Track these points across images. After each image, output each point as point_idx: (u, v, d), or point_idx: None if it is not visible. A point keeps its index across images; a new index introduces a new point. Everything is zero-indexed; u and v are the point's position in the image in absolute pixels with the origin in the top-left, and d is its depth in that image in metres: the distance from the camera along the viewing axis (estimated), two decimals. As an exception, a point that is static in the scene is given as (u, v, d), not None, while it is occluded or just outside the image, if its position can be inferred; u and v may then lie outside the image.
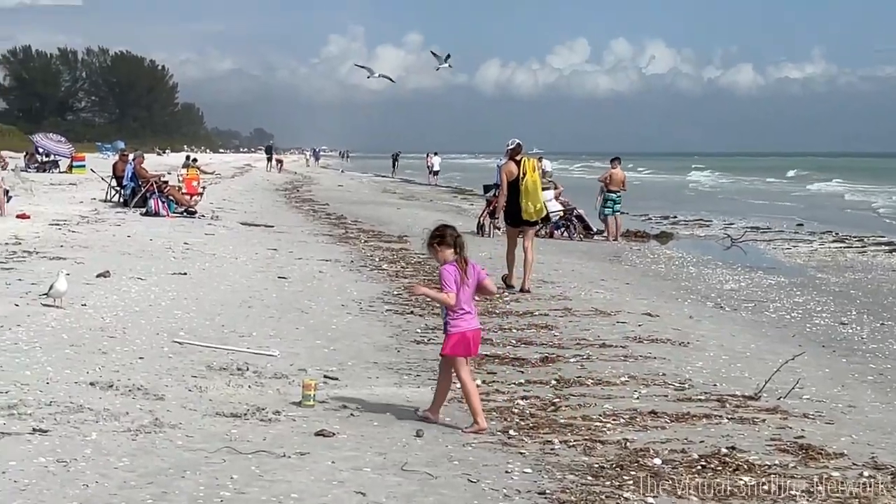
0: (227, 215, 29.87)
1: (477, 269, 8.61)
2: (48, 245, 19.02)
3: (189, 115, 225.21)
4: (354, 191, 56.69)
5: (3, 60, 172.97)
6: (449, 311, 8.48)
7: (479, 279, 8.58)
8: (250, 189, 50.32)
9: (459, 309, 8.47)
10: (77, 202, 31.16)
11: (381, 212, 36.46)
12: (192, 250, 20.03)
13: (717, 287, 19.24)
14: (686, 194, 62.67)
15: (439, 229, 8.67)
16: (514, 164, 17.36)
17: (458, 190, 61.36)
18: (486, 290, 8.82)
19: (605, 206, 29.20)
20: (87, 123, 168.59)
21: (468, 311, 8.53)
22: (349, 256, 20.91)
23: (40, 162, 55.99)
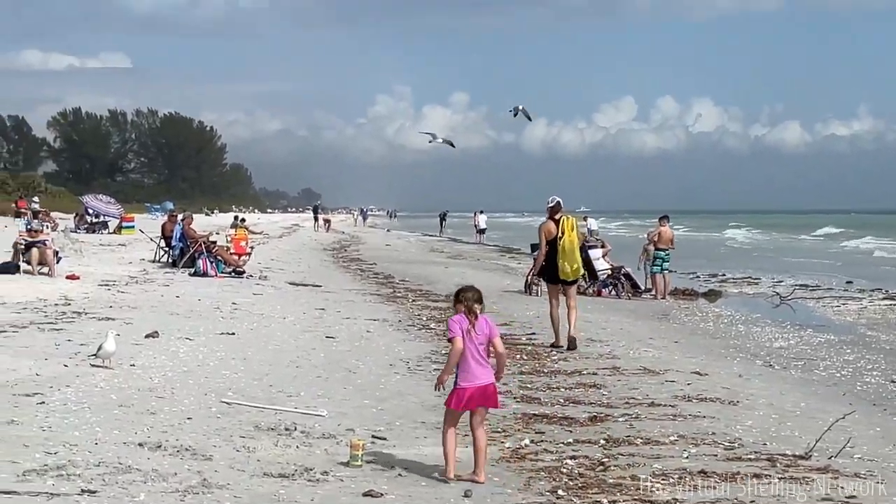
0: (274, 275, 29.99)
1: (489, 325, 8.70)
2: (97, 306, 19.18)
3: (237, 175, 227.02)
4: (402, 250, 56.80)
5: (54, 122, 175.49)
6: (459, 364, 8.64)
7: (489, 335, 8.69)
8: (298, 249, 50.58)
9: (464, 361, 8.59)
10: (126, 263, 31.41)
11: (429, 271, 36.48)
12: (240, 310, 20.13)
13: (766, 345, 19.09)
14: (720, 252, 62.23)
15: (461, 289, 8.85)
16: (553, 223, 17.37)
17: (505, 249, 61.36)
18: (495, 348, 8.82)
19: (654, 263, 29.07)
20: (136, 184, 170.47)
21: (475, 365, 8.60)
22: (397, 316, 20.92)
23: (90, 223, 56.56)
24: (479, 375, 8.60)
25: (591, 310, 23.47)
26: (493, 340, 8.74)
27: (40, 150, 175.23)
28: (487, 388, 8.67)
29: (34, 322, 16.45)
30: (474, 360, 8.62)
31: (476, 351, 8.63)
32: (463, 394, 8.63)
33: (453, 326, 8.67)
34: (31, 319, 16.79)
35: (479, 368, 8.61)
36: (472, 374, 8.60)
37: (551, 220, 17.41)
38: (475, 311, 8.67)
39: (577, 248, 17.45)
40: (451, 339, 8.67)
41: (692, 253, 48.44)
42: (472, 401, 8.65)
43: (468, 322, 8.64)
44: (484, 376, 8.63)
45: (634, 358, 15.91)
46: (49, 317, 17.29)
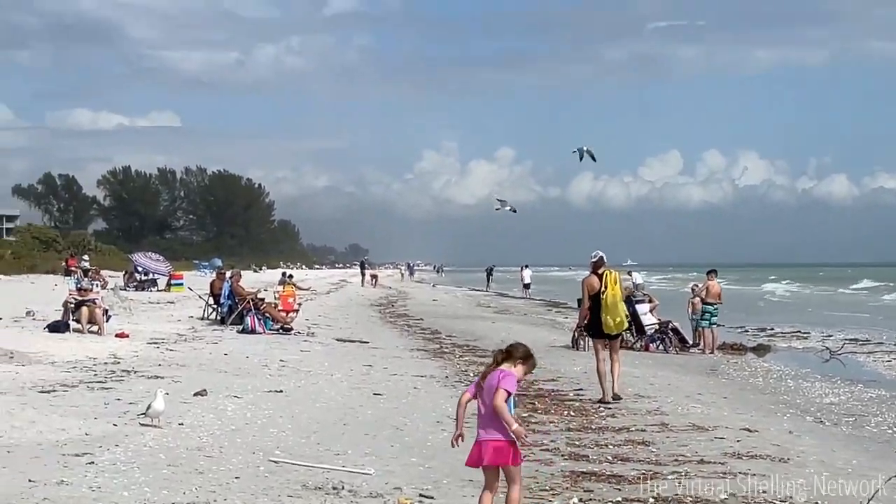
0: (322, 331, 30.08)
1: (497, 378, 8.49)
2: (146, 364, 19.30)
3: (285, 231, 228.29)
4: (449, 305, 56.81)
5: (104, 181, 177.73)
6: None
7: (494, 387, 8.46)
8: (345, 305, 50.72)
9: (477, 416, 8.55)
10: (175, 320, 31.60)
11: (476, 326, 36.45)
12: (288, 367, 20.18)
13: (816, 401, 18.90)
14: (761, 305, 61.74)
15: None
16: (595, 278, 17.42)
17: (552, 303, 61.24)
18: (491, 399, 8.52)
19: (702, 318, 28.89)
20: (184, 241, 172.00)
21: (482, 420, 8.52)
22: (444, 372, 20.89)
23: (139, 281, 56.99)
24: (484, 431, 8.50)
25: (639, 365, 23.37)
26: (491, 390, 8.49)
27: (90, 209, 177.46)
28: (491, 444, 8.45)
29: (84, 381, 16.58)
30: (481, 415, 8.54)
31: (482, 405, 8.53)
32: (473, 449, 8.57)
33: (471, 385, 8.70)
34: (80, 378, 16.92)
35: (486, 423, 8.48)
36: (480, 430, 8.52)
37: (594, 274, 17.46)
38: (497, 362, 8.58)
39: (620, 302, 17.48)
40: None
41: (735, 307, 48.15)
42: (480, 457, 8.51)
43: (484, 377, 8.57)
44: (488, 432, 8.47)
45: (683, 414, 15.79)
46: (98, 375, 17.42)
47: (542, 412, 15.51)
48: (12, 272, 66.14)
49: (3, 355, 19.23)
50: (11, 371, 17.51)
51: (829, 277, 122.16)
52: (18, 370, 17.72)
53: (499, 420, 8.39)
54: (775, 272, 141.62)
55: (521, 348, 8.61)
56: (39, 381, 16.44)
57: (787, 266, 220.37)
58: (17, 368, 17.95)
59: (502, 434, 8.43)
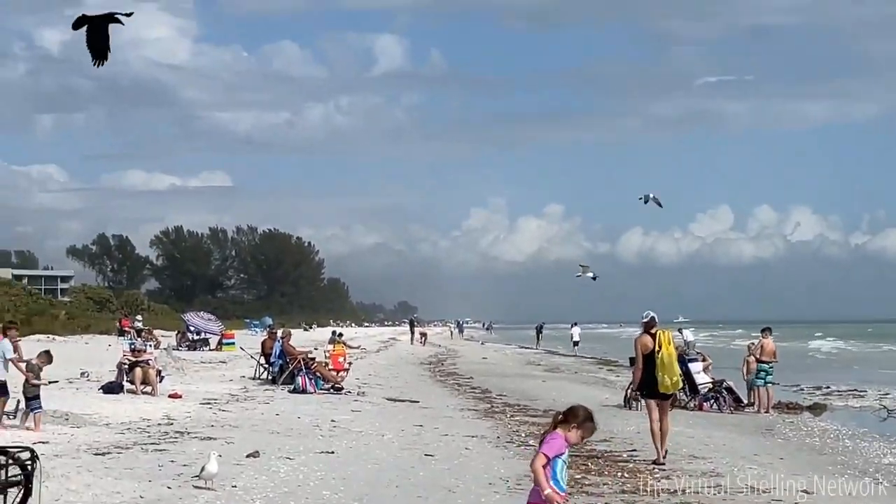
0: (372, 391, 30.07)
1: (544, 439, 8.56)
2: (199, 425, 19.37)
3: (335, 289, 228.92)
4: (498, 363, 56.62)
5: (156, 241, 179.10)
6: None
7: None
8: (395, 363, 50.70)
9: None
10: (227, 380, 31.73)
11: (527, 385, 36.30)
12: (339, 427, 20.18)
13: (875, 461, 18.63)
14: (811, 362, 60.98)
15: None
16: (649, 337, 17.37)
17: (603, 361, 60.86)
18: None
19: (757, 376, 28.60)
20: (236, 300, 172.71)
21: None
22: (495, 432, 20.79)
23: (191, 340, 57.29)
24: (530, 493, 8.59)
25: (693, 424, 23.15)
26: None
27: (143, 269, 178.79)
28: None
29: (138, 443, 16.66)
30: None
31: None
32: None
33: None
34: (134, 440, 17.01)
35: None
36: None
37: (647, 333, 17.41)
38: (555, 424, 8.59)
39: (675, 361, 17.43)
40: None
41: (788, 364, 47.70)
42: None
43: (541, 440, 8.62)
44: (530, 494, 8.60)
45: (739, 475, 15.60)
46: (152, 437, 17.50)
47: (596, 474, 15.38)
48: (67, 333, 66.69)
49: (59, 417, 19.37)
50: (67, 433, 17.64)
51: (882, 334, 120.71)
52: (73, 432, 17.85)
53: (538, 481, 8.47)
54: (828, 328, 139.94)
55: (579, 412, 8.59)
56: (94, 443, 16.54)
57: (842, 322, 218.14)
58: (73, 430, 18.09)
59: (538, 497, 8.49)
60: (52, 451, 14.99)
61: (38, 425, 18.04)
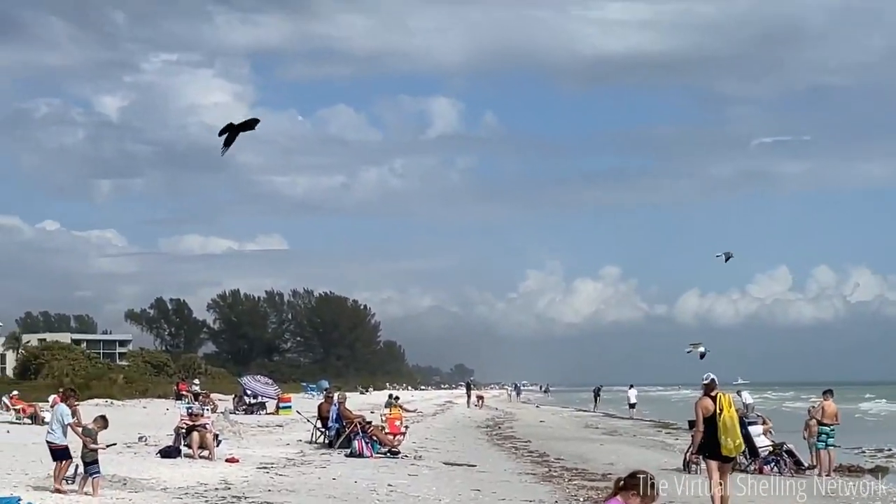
0: (429, 454, 29.95)
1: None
2: (256, 489, 19.37)
3: (391, 352, 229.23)
4: (556, 426, 56.29)
5: (214, 305, 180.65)
6: None
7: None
8: (452, 426, 50.52)
9: None
10: (284, 444, 31.74)
11: (584, 448, 36.03)
12: (396, 492, 20.10)
13: (941, 525, 18.29)
14: (873, 424, 59.99)
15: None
16: (709, 400, 17.34)
17: (661, 424, 60.29)
18: None
19: (818, 439, 28.22)
20: (292, 363, 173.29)
21: None
22: (553, 496, 20.62)
23: (248, 404, 57.38)
24: None
25: (753, 488, 22.82)
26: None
27: (201, 332, 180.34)
28: None
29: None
30: None
31: None
32: None
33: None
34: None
35: None
36: None
37: (707, 396, 17.35)
38: (616, 489, 8.50)
39: (737, 424, 17.35)
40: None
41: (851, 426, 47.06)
42: None
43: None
44: None
45: (802, 541, 15.38)
46: (209, 501, 17.53)
47: (656, 539, 15.18)
48: (125, 397, 67.16)
49: (117, 482, 19.44)
50: (125, 498, 17.71)
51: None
52: (131, 497, 17.91)
53: None
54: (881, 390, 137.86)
55: (640, 478, 8.49)
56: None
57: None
58: (131, 495, 18.15)
59: None
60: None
61: (96, 490, 18.12)
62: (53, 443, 18.55)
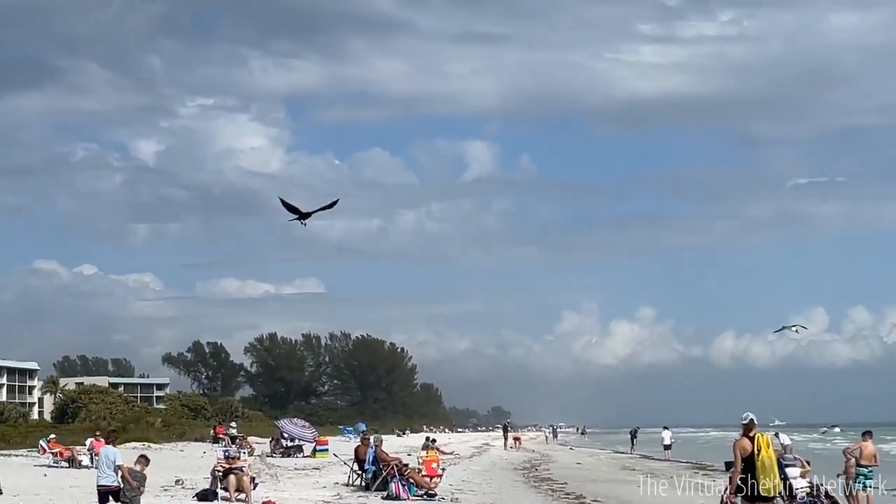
0: (466, 497, 29.94)
1: None
2: (293, 532, 19.44)
3: (428, 394, 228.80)
4: (593, 468, 56.03)
5: (251, 348, 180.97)
6: None
7: None
8: (489, 469, 50.39)
9: None
10: (320, 487, 31.80)
11: (621, 490, 35.90)
12: (433, 535, 20.11)
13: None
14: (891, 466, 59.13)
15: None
16: (747, 440, 17.35)
17: (698, 465, 59.86)
18: None
19: (856, 480, 28.04)
20: (329, 406, 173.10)
21: None
22: (589, 538, 20.59)
23: (285, 447, 57.43)
24: None
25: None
26: None
27: (238, 375, 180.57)
28: None
29: (232, 550, 16.76)
30: None
31: None
32: None
33: None
34: (229, 547, 17.11)
35: None
36: None
37: (745, 436, 17.35)
38: None
39: (775, 464, 17.31)
40: None
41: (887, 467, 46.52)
42: None
43: None
44: None
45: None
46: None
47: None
48: (162, 440, 67.41)
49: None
50: (162, 540, 17.82)
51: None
52: (169, 539, 18.02)
53: None
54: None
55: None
56: (189, 550, 16.69)
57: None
58: (168, 538, 18.26)
59: None
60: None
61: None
62: (106, 485, 18.69)
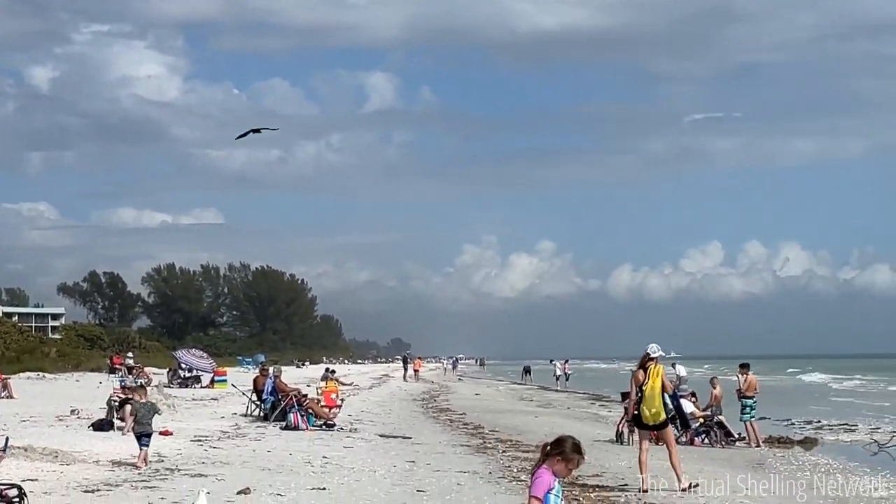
0: (365, 427, 30.01)
1: (533, 476, 8.47)
2: (190, 462, 19.32)
3: (328, 326, 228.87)
4: (491, 399, 56.54)
5: (148, 278, 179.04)
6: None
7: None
8: (388, 400, 50.61)
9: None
10: (218, 417, 31.66)
11: (519, 420, 36.26)
12: (331, 464, 20.13)
13: (865, 496, 18.57)
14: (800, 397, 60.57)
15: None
16: (642, 372, 18.02)
17: (595, 397, 60.78)
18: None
19: (743, 411, 28.65)
20: (228, 338, 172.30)
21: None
22: (487, 468, 20.75)
23: (183, 378, 57.13)
24: None
25: (685, 459, 23.04)
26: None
27: (135, 306, 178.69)
28: None
29: (128, 480, 16.63)
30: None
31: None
32: None
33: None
34: (124, 477, 16.97)
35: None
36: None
37: (641, 368, 17.86)
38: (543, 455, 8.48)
39: (658, 395, 18.07)
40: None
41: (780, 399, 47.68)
42: None
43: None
44: None
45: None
46: (142, 474, 17.46)
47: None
48: (58, 370, 66.57)
49: (48, 454, 19.31)
50: (56, 470, 17.58)
51: (869, 368, 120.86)
52: (63, 469, 17.79)
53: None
54: (817, 363, 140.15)
55: (566, 443, 8.48)
56: (84, 480, 16.50)
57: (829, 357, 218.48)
58: (62, 468, 18.03)
59: None
60: (41, 489, 14.95)
61: (145, 461, 18.51)
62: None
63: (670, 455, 17.93)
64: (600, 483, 18.32)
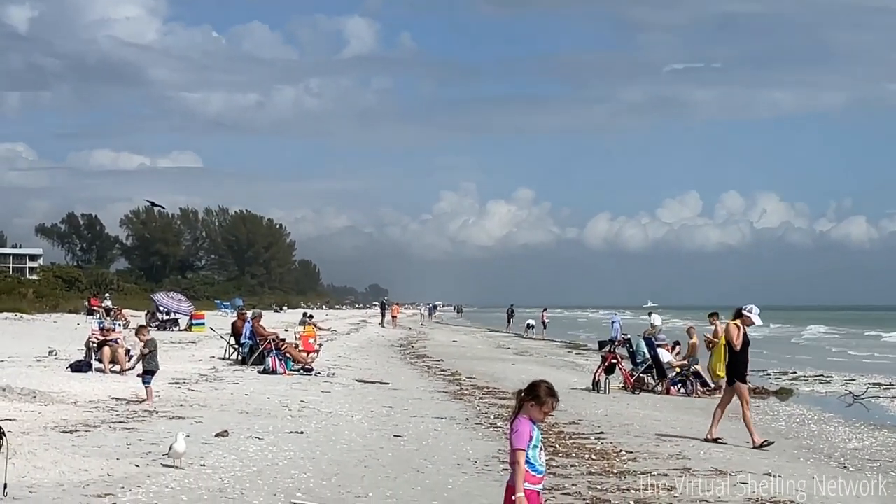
0: (342, 372, 30.07)
1: (512, 426, 8.50)
2: (168, 404, 19.35)
3: (306, 271, 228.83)
4: (469, 346, 56.68)
5: (126, 221, 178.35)
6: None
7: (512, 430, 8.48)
8: (365, 345, 50.69)
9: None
10: (196, 360, 31.67)
11: (496, 367, 36.37)
12: (309, 408, 20.19)
13: (840, 446, 18.76)
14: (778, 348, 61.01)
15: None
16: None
17: (572, 345, 61.02)
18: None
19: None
20: (206, 281, 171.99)
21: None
22: (464, 414, 20.84)
23: (161, 320, 57.08)
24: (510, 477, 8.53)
25: (661, 408, 23.28)
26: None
27: (113, 248, 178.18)
28: (510, 488, 8.42)
29: (106, 421, 16.64)
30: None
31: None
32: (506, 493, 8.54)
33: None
34: (102, 418, 16.99)
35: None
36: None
37: None
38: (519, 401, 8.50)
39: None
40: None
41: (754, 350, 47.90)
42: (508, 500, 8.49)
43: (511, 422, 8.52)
44: (511, 478, 8.49)
45: (705, 458, 15.73)
46: (120, 416, 17.48)
47: (563, 455, 15.45)
48: (35, 311, 66.43)
49: (26, 395, 19.30)
50: (34, 411, 17.59)
51: (844, 320, 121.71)
52: (41, 410, 17.79)
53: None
54: (794, 315, 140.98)
55: (540, 387, 8.49)
56: (62, 421, 16.51)
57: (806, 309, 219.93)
58: (40, 408, 18.03)
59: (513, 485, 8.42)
60: (19, 429, 14.95)
61: (150, 397, 19.41)
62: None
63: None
64: (577, 431, 18.42)
